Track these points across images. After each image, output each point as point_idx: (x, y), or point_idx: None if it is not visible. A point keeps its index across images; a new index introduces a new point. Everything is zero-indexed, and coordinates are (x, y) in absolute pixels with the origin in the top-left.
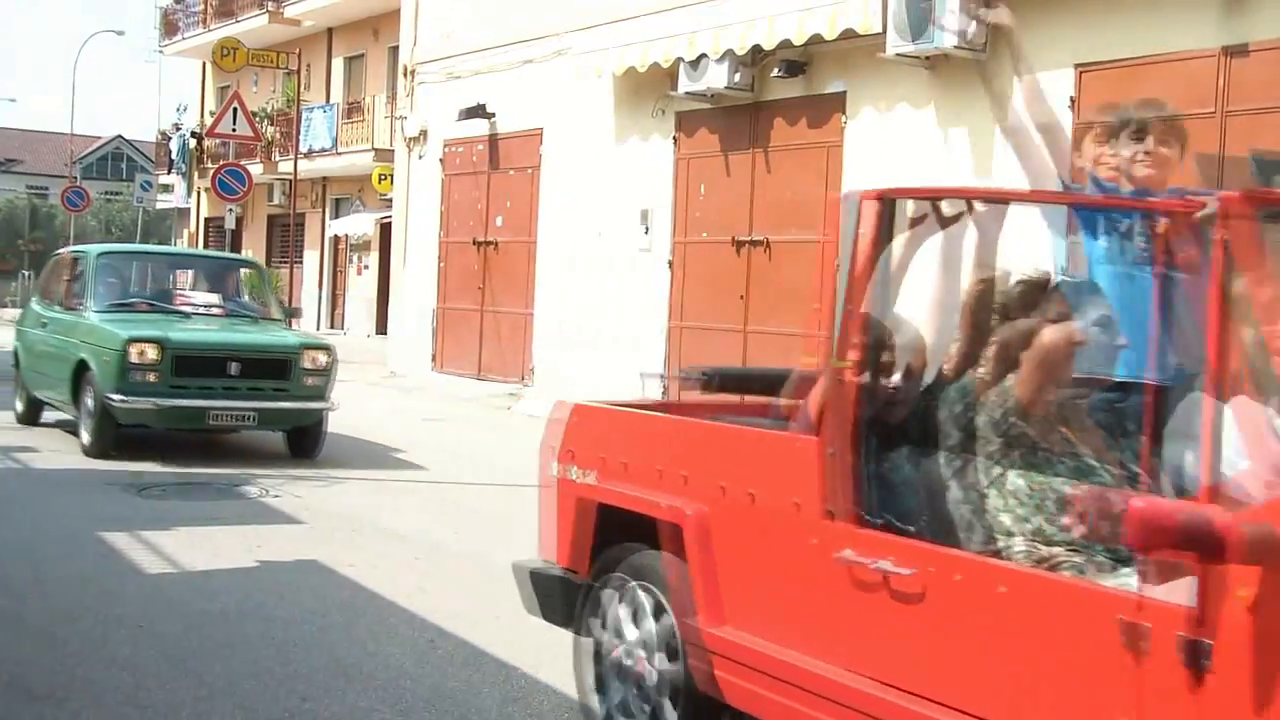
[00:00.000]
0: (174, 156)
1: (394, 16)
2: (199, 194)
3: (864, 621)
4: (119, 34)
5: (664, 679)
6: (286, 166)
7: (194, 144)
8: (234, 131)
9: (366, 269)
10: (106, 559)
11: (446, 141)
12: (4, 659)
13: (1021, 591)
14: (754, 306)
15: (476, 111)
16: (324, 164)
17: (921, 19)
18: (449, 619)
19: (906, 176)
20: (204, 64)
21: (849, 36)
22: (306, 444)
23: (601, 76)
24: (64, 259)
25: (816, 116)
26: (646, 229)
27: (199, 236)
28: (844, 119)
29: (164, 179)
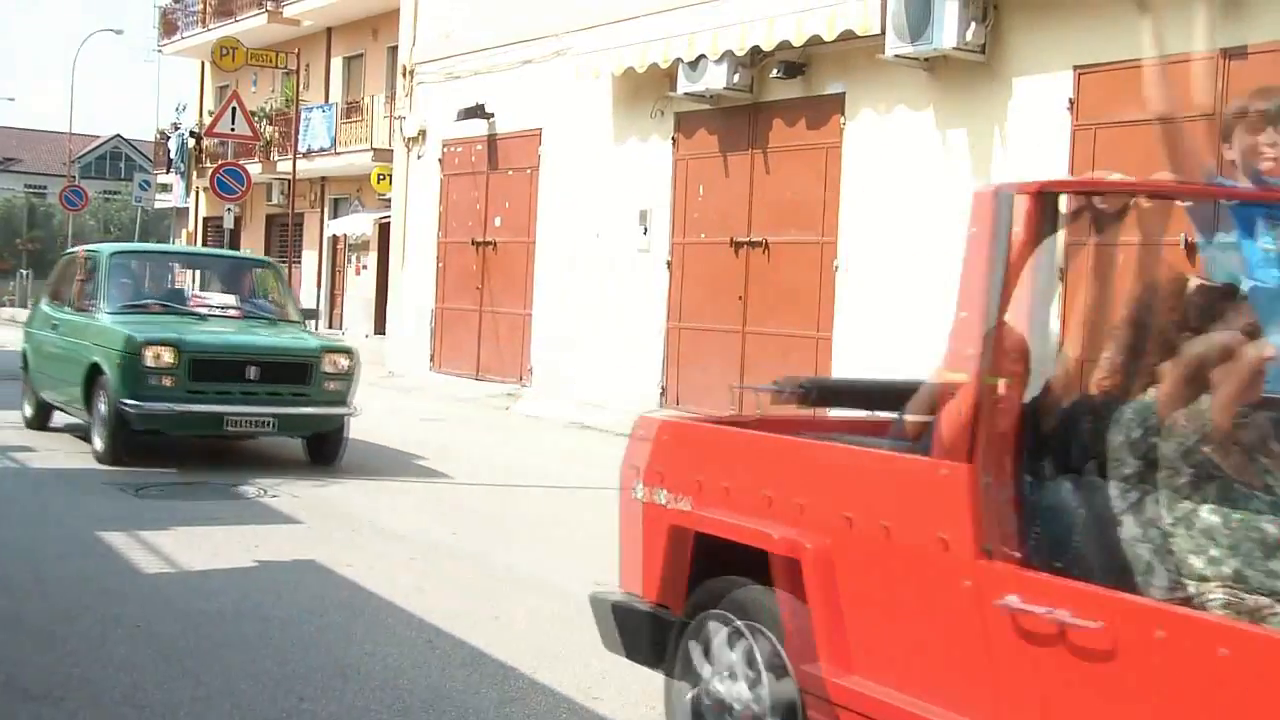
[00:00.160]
0: (173, 156)
1: (393, 16)
2: (197, 193)
3: (1031, 680)
4: (118, 33)
5: None
6: (285, 166)
7: (193, 143)
8: (233, 131)
9: (365, 269)
10: (104, 559)
11: (445, 141)
12: (1, 658)
13: (1252, 655)
14: (753, 307)
15: (475, 112)
16: (323, 164)
17: (921, 20)
18: (447, 619)
19: (905, 178)
20: (203, 63)
21: (848, 38)
22: (327, 450)
23: (600, 77)
24: (75, 259)
25: (815, 118)
26: (645, 230)
27: (197, 236)
28: (843, 120)
29: (162, 178)
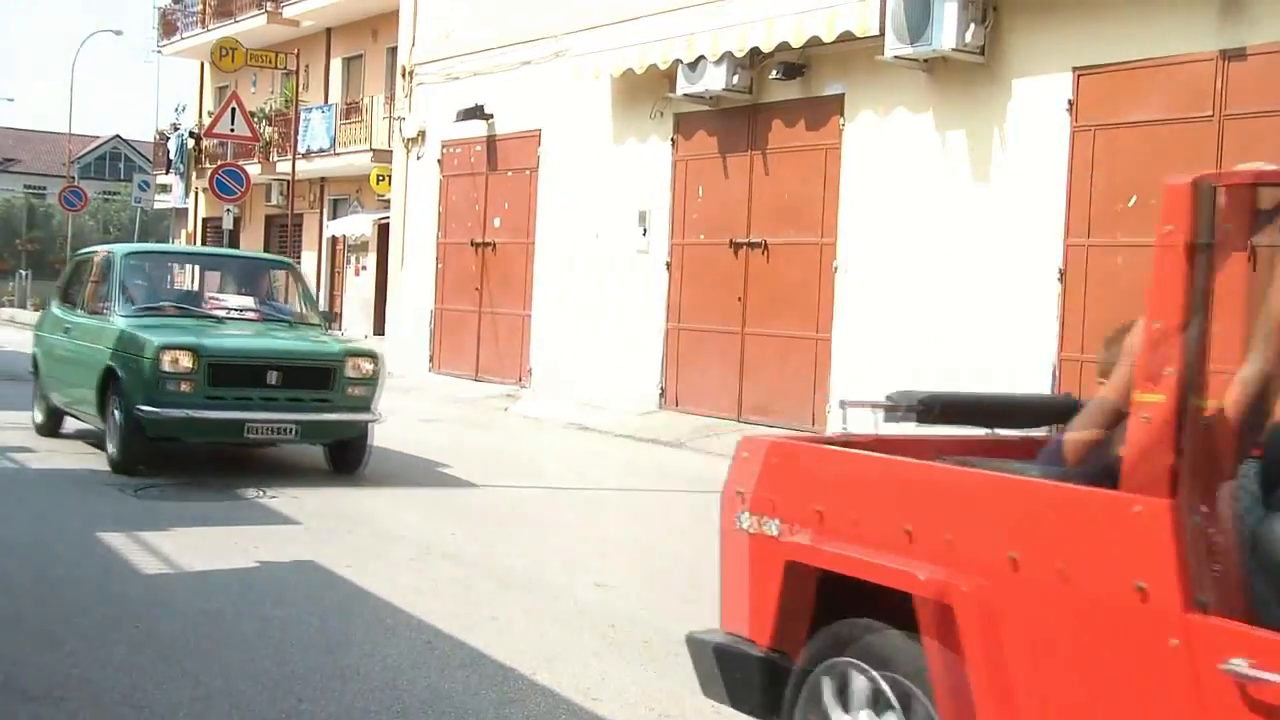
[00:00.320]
0: (172, 157)
1: (393, 17)
2: (197, 194)
3: None
4: (117, 34)
5: None
6: (284, 167)
7: (192, 144)
8: (232, 132)
9: (364, 269)
10: (104, 559)
11: (444, 142)
12: (1, 658)
13: None
14: (752, 308)
15: (474, 113)
16: (322, 164)
17: (920, 22)
18: (446, 620)
19: (904, 179)
20: (202, 64)
21: (847, 39)
22: (350, 458)
23: (600, 78)
24: (87, 260)
25: (815, 119)
26: (644, 230)
27: (196, 237)
28: (842, 121)
29: (162, 179)
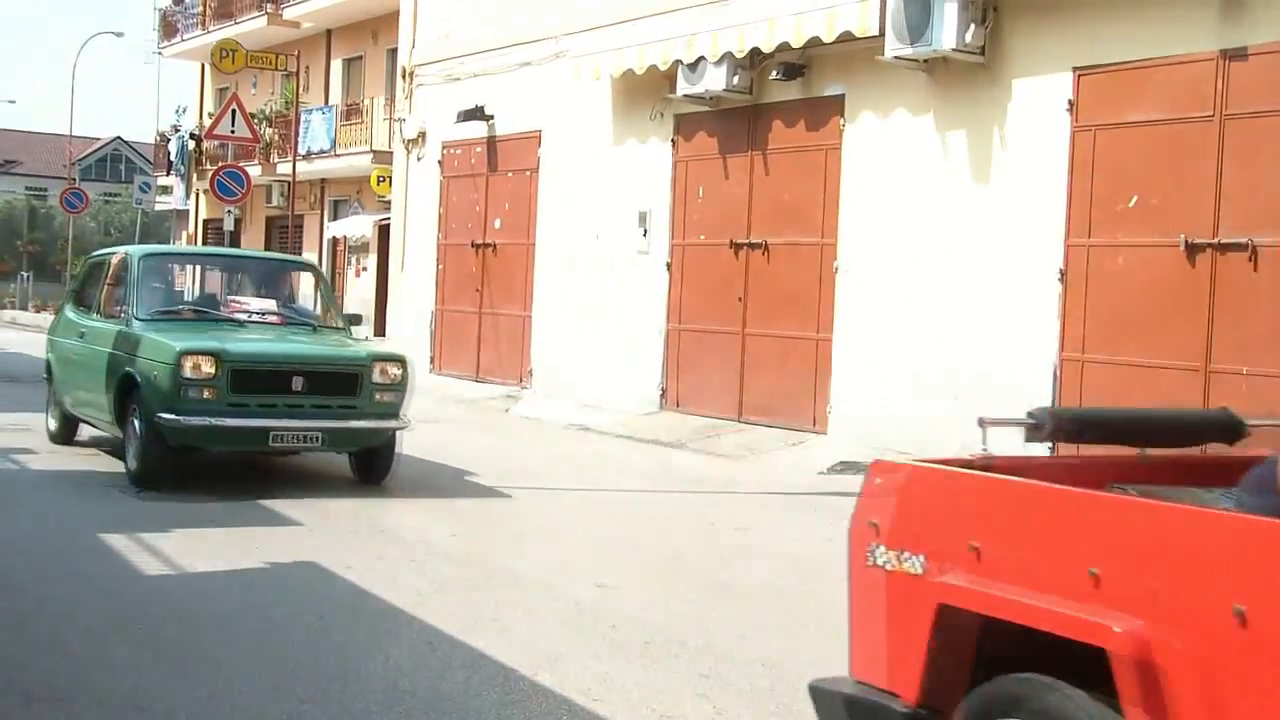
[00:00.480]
0: (173, 158)
1: (393, 18)
2: (198, 196)
3: None
4: (118, 35)
5: None
6: (285, 168)
7: (193, 146)
8: (233, 133)
9: (365, 271)
10: (106, 560)
11: (445, 144)
12: (3, 660)
13: None
14: (752, 309)
15: (475, 114)
16: (322, 166)
17: (920, 22)
18: (447, 621)
19: (905, 180)
20: (203, 66)
21: (847, 39)
22: (377, 466)
23: (600, 79)
24: (102, 261)
25: (815, 119)
26: (645, 231)
27: (197, 238)
28: (842, 122)
29: (163, 181)
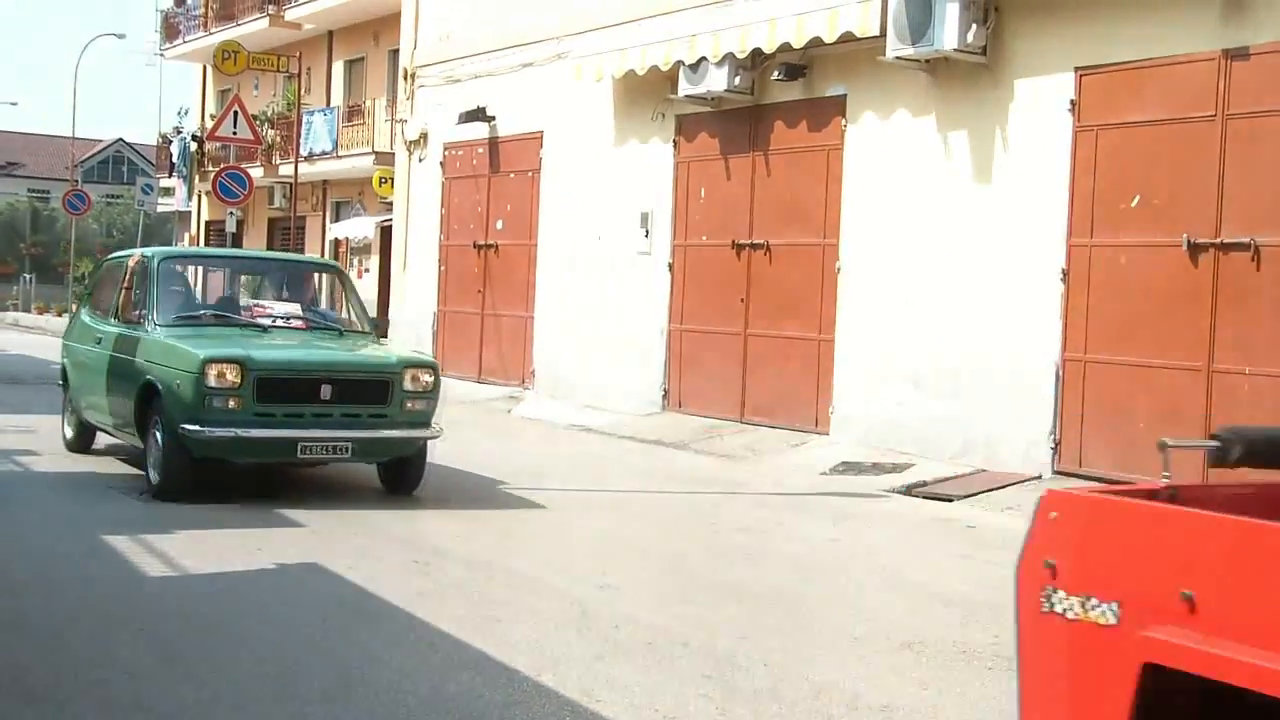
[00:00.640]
0: (175, 160)
1: (394, 20)
2: (200, 197)
3: None
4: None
5: None
6: (287, 170)
7: (195, 147)
8: (235, 135)
9: (367, 272)
10: (108, 561)
11: (447, 145)
12: (6, 661)
13: None
14: (754, 310)
15: (476, 115)
16: (324, 167)
17: (921, 22)
18: (449, 622)
19: (907, 180)
20: (205, 67)
21: (849, 40)
22: (408, 476)
23: (601, 80)
24: (119, 264)
25: (816, 120)
26: (646, 232)
27: (200, 240)
28: (844, 122)
29: (165, 182)
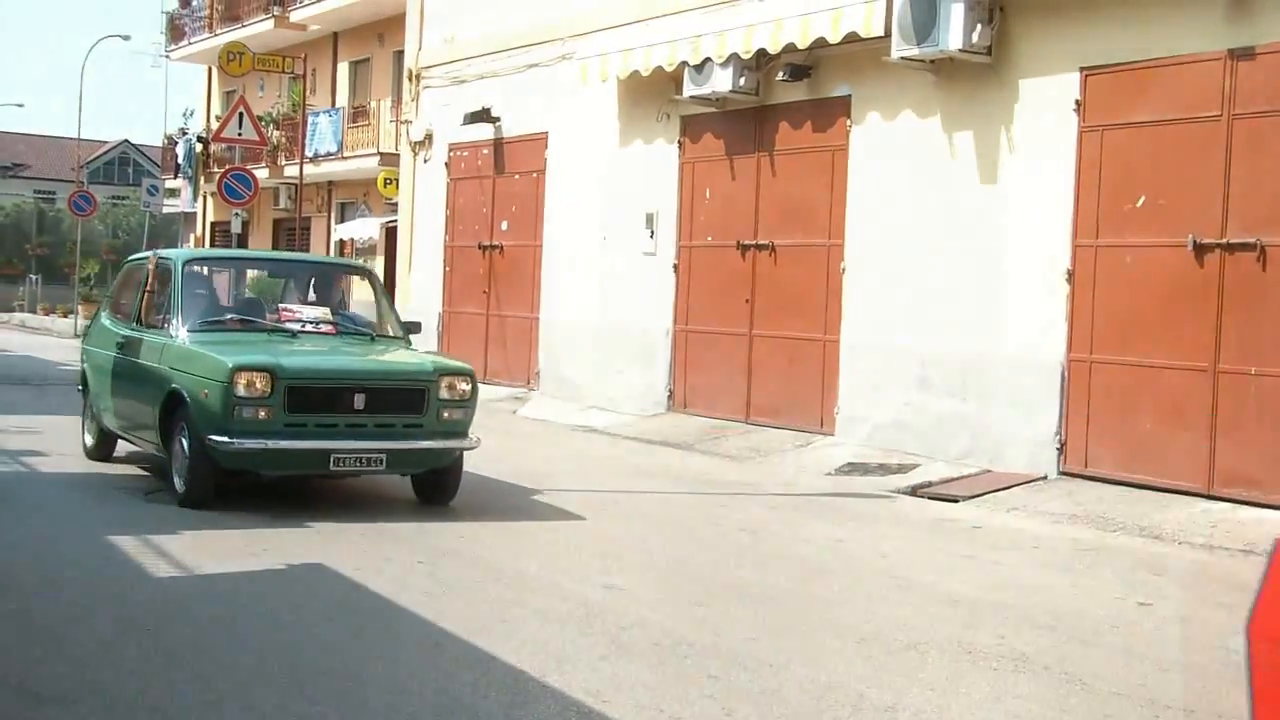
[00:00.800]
0: (180, 161)
1: (399, 21)
2: (205, 198)
3: None
4: (125, 39)
5: None
6: (292, 171)
7: (200, 148)
8: (240, 136)
9: None
10: (114, 562)
11: (452, 146)
12: (13, 661)
13: None
14: (760, 310)
15: (481, 116)
16: (329, 168)
17: (926, 22)
18: (455, 622)
19: (912, 181)
20: (210, 69)
21: (853, 40)
22: (445, 487)
23: (606, 80)
24: (140, 266)
25: (821, 120)
26: (651, 233)
27: (205, 240)
28: (849, 123)
29: (170, 183)
